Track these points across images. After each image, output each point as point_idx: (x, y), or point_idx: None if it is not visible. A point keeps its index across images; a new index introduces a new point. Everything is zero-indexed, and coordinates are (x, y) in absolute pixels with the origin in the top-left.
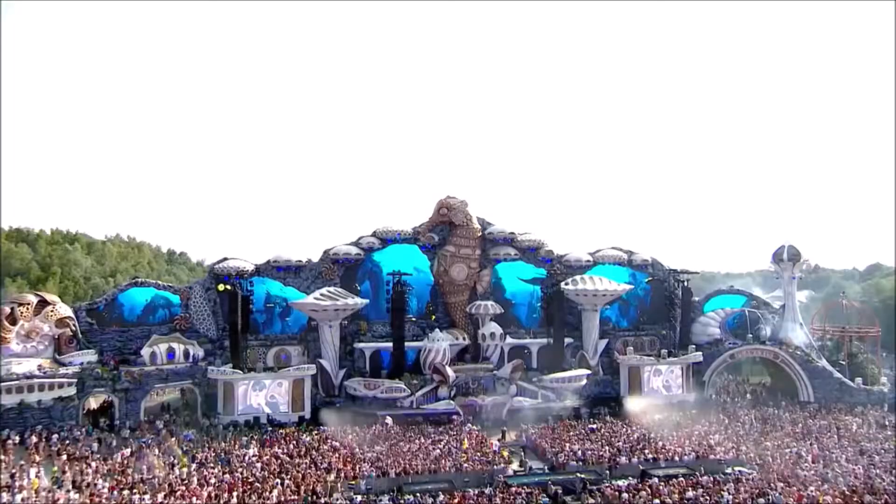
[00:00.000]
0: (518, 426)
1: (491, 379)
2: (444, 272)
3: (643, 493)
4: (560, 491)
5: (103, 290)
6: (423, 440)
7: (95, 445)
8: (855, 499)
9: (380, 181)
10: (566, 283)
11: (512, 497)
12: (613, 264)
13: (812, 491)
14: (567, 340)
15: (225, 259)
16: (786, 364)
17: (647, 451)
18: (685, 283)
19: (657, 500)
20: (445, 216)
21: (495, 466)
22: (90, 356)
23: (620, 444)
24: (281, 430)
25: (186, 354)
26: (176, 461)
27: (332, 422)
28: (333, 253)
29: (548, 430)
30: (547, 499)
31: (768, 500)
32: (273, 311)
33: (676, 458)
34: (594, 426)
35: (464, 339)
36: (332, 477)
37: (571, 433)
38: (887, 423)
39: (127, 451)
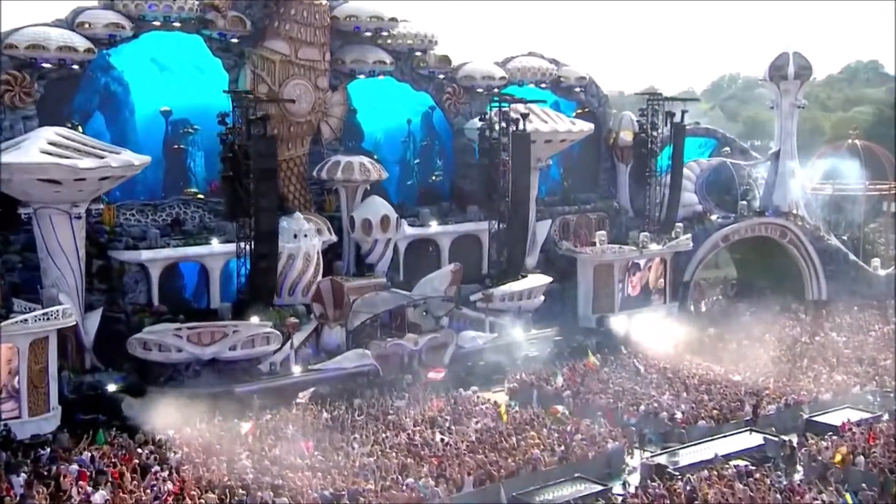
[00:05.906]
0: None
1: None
2: (268, 95)
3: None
4: (750, 465)
5: None
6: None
7: None
8: None
9: None
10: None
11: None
12: (534, 84)
13: None
14: (474, 227)
15: None
16: (795, 245)
17: (766, 394)
18: (678, 118)
19: None
20: None
21: (610, 446)
22: None
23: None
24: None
25: None
26: None
27: (160, 416)
28: (25, 45)
29: (577, 375)
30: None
31: None
32: None
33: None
34: (639, 366)
35: (329, 232)
36: None
37: (605, 377)
38: None
39: None
